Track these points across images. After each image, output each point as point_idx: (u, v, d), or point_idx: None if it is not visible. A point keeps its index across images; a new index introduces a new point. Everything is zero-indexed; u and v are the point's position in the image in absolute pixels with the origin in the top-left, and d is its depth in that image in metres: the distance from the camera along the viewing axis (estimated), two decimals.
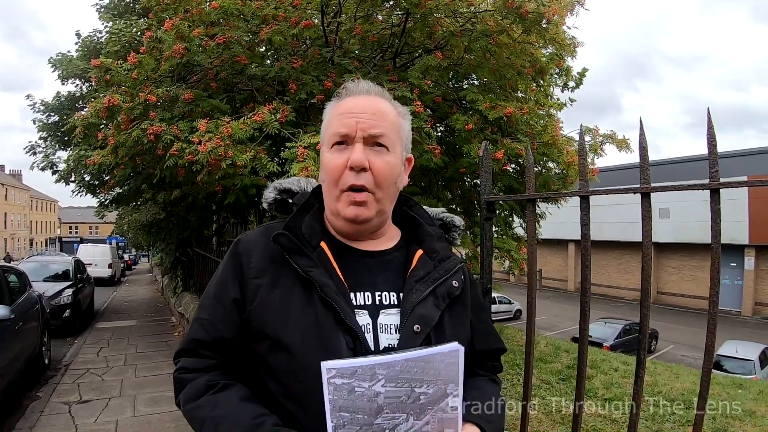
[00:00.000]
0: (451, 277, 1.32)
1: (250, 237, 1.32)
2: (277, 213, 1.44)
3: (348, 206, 1.23)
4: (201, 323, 1.27)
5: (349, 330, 1.16)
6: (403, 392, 1.01)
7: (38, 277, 11.44)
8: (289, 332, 1.16)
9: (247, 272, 1.24)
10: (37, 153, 14.08)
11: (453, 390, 1.08)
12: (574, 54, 8.19)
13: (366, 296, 1.24)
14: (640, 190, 1.95)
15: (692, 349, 18.96)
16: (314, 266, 1.20)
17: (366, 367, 0.99)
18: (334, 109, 1.32)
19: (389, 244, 1.37)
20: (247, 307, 1.22)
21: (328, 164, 1.26)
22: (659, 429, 5.03)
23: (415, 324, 1.20)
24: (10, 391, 6.10)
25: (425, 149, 6.60)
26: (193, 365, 1.26)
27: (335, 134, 1.25)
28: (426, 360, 1.03)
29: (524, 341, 6.89)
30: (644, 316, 1.94)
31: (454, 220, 1.54)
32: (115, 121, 6.92)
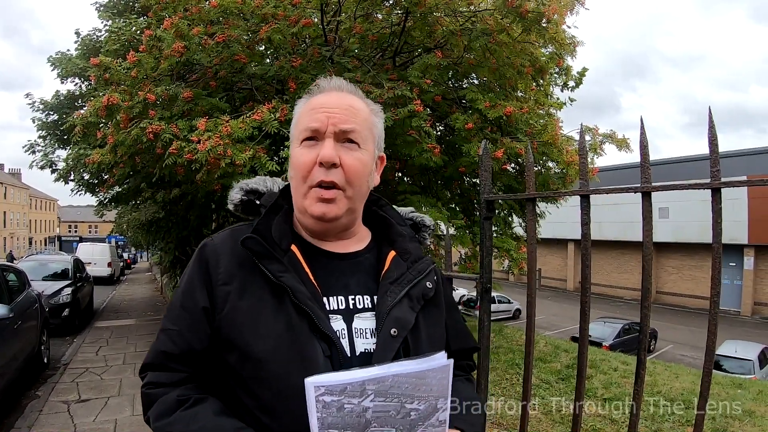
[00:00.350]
0: (425, 279, 1.28)
1: (217, 241, 1.25)
2: (243, 215, 1.36)
3: (315, 203, 1.18)
4: (168, 334, 1.19)
5: (325, 337, 1.12)
6: (392, 407, 0.98)
7: (37, 276, 11.37)
8: (261, 341, 1.10)
9: (215, 278, 1.18)
10: (36, 152, 14.07)
11: (443, 404, 1.06)
12: (574, 53, 8.19)
13: (339, 300, 1.20)
14: (640, 189, 1.95)
15: (691, 348, 18.96)
16: (285, 271, 1.15)
17: (356, 384, 0.95)
18: (305, 105, 1.27)
19: (360, 245, 1.32)
20: (217, 316, 1.16)
21: (296, 160, 1.21)
22: (659, 429, 5.03)
23: (391, 328, 1.17)
24: (9, 390, 6.08)
25: (425, 148, 6.60)
26: (162, 379, 1.18)
27: (305, 129, 1.21)
28: (418, 376, 1.00)
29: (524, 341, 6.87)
30: (645, 316, 1.94)
31: (424, 219, 1.50)
32: (115, 119, 6.92)
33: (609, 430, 4.86)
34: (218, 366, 1.17)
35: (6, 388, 5.90)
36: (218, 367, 1.17)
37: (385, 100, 6.41)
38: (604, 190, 2.06)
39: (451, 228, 7.40)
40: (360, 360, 1.14)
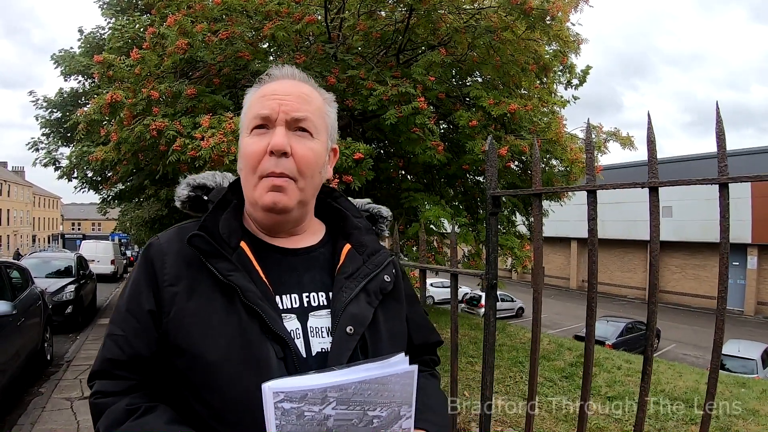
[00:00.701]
0: (382, 272, 1.23)
1: (162, 240, 1.18)
2: (191, 212, 1.28)
3: (266, 193, 1.11)
4: (114, 340, 1.12)
5: (278, 338, 1.06)
6: (354, 415, 0.94)
7: (40, 273, 11.40)
8: (211, 345, 1.04)
9: (161, 280, 1.11)
10: (39, 149, 14.11)
11: (406, 412, 1.02)
12: (578, 51, 8.18)
13: (293, 298, 1.15)
14: (648, 184, 1.93)
15: (694, 348, 18.92)
16: (234, 269, 1.08)
17: (317, 391, 0.90)
18: (255, 93, 1.21)
19: (313, 239, 1.26)
20: (164, 319, 1.09)
21: (245, 149, 1.15)
22: (662, 427, 5.01)
23: (347, 325, 1.12)
24: (11, 387, 6.08)
25: (428, 146, 6.60)
26: (110, 388, 1.11)
27: (255, 117, 1.15)
28: (381, 382, 0.96)
29: (527, 339, 6.84)
30: (652, 312, 1.93)
31: (381, 210, 1.44)
32: (118, 117, 6.92)
33: (612, 428, 4.84)
34: (168, 372, 1.10)
35: (9, 385, 5.90)
36: (168, 373, 1.10)
37: (390, 97, 6.41)
38: (611, 186, 2.04)
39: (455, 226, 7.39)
40: (316, 360, 1.09)
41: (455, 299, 2.45)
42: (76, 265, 13.13)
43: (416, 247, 8.08)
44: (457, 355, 2.39)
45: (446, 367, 6.36)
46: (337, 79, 6.90)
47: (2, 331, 5.75)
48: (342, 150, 5.92)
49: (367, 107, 6.76)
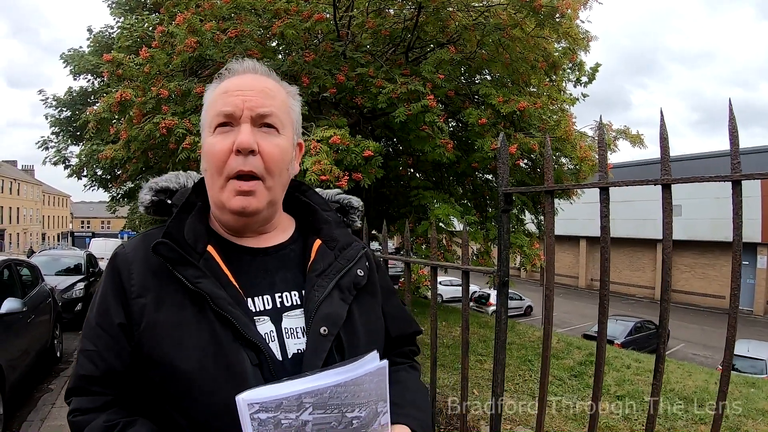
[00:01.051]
0: (355, 266, 1.20)
1: (128, 249, 1.13)
2: (156, 216, 1.23)
3: (234, 196, 1.07)
4: (87, 355, 1.08)
5: (251, 344, 1.03)
6: (333, 418, 0.93)
7: (50, 271, 11.42)
8: (184, 355, 1.01)
9: (129, 291, 1.07)
10: (49, 148, 14.20)
11: (383, 408, 1.01)
12: (588, 48, 8.15)
13: (265, 300, 1.11)
14: (660, 181, 1.92)
15: (703, 348, 18.83)
16: (202, 276, 1.04)
17: (292, 398, 0.89)
18: (216, 89, 1.15)
19: (283, 236, 1.22)
20: (135, 332, 1.05)
21: (210, 149, 1.09)
22: (672, 427, 5.00)
23: (321, 326, 1.08)
24: (22, 383, 6.10)
25: (438, 143, 6.59)
26: (86, 404, 1.08)
27: (218, 114, 1.09)
28: (356, 383, 0.95)
29: (536, 337, 6.82)
30: (664, 310, 1.91)
31: (351, 201, 1.39)
32: (128, 115, 6.96)
33: (622, 427, 4.83)
34: (144, 385, 1.06)
35: (19, 382, 5.93)
36: (145, 386, 1.06)
37: (399, 95, 6.41)
38: (624, 183, 2.03)
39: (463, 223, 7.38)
40: (293, 362, 1.07)
41: (467, 297, 2.43)
42: (85, 262, 13.18)
43: (425, 245, 8.08)
44: (467, 353, 2.37)
45: (456, 365, 6.34)
46: (347, 77, 6.90)
47: (13, 328, 5.77)
48: (352, 148, 5.92)
49: (376, 105, 6.75)
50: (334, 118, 6.74)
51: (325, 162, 5.33)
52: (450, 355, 6.67)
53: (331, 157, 5.59)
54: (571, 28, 7.42)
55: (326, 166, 5.31)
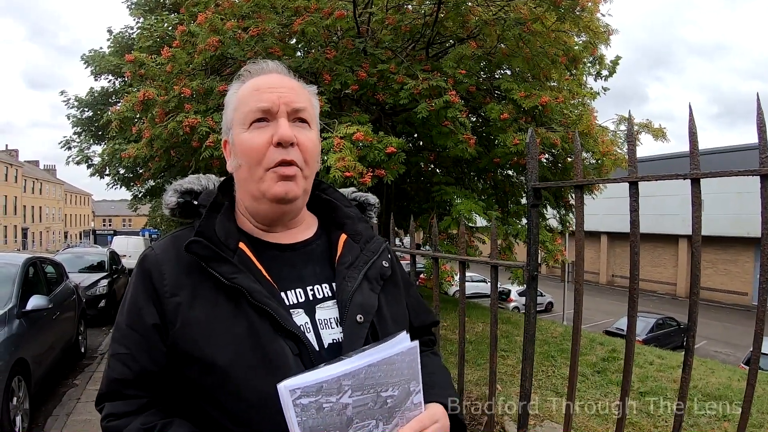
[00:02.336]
0: (380, 258, 1.24)
1: (158, 250, 1.15)
2: (180, 219, 1.24)
3: (276, 183, 1.11)
4: (120, 359, 1.09)
5: (291, 335, 1.05)
6: (369, 398, 0.96)
7: (74, 268, 11.58)
8: (222, 350, 1.02)
9: (161, 291, 1.08)
10: (72, 147, 14.42)
11: (415, 387, 1.04)
12: (608, 42, 8.07)
13: (297, 293, 1.14)
14: (690, 175, 1.92)
15: (725, 345, 18.61)
16: (238, 272, 1.06)
17: (332, 381, 0.91)
18: (243, 89, 1.19)
19: (308, 233, 1.25)
20: (170, 331, 1.06)
21: (248, 143, 1.12)
22: (695, 423, 4.95)
23: (356, 314, 1.12)
24: (47, 378, 6.19)
25: (460, 139, 6.57)
26: (121, 409, 1.08)
27: (255, 110, 1.12)
28: (388, 363, 0.98)
29: (558, 333, 6.78)
30: (693, 303, 1.91)
31: (368, 198, 1.43)
32: (150, 114, 7.04)
33: (645, 423, 4.78)
34: (179, 383, 1.08)
35: (45, 377, 6.02)
36: (180, 385, 1.08)
37: (421, 90, 6.41)
38: (654, 177, 2.03)
39: (485, 219, 7.37)
40: (329, 352, 1.09)
41: (495, 291, 2.44)
42: (108, 260, 13.36)
43: (447, 240, 8.08)
44: (496, 347, 2.38)
45: (478, 360, 6.34)
46: (368, 74, 6.91)
47: (38, 324, 5.86)
48: (375, 144, 5.93)
49: (398, 101, 6.75)
50: (356, 114, 6.74)
51: (349, 159, 5.35)
52: (473, 351, 6.64)
53: (354, 153, 5.61)
54: (592, 22, 7.37)
55: (350, 162, 5.33)
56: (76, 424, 5.41)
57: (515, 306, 21.62)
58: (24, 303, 5.62)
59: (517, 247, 8.72)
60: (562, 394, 5.47)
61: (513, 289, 21.77)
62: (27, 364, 5.23)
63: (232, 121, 1.18)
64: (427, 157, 8.96)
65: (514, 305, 21.78)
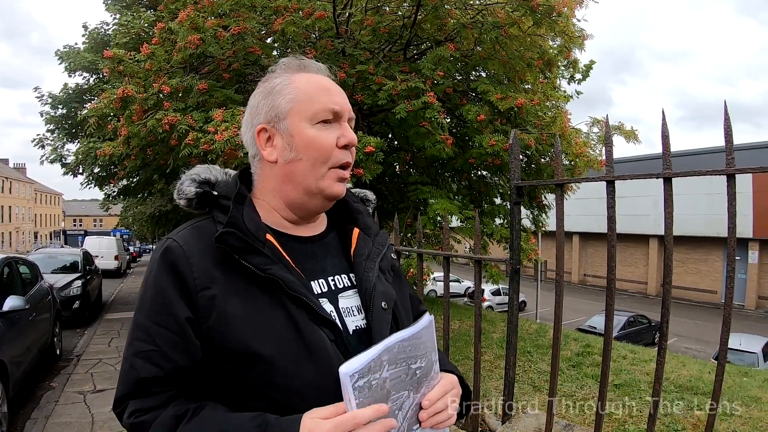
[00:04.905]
0: (388, 251, 1.30)
1: (181, 242, 1.10)
2: (196, 209, 1.20)
3: (335, 182, 1.16)
4: (146, 357, 1.05)
5: (326, 322, 1.08)
6: (402, 371, 1.02)
7: (47, 269, 11.28)
8: (263, 342, 1.02)
9: (192, 284, 1.04)
10: (45, 146, 14.14)
11: (435, 356, 1.13)
12: (583, 46, 8.24)
13: (321, 284, 1.17)
14: (662, 174, 2.03)
15: (696, 341, 19.00)
16: (271, 263, 1.06)
17: (376, 359, 0.96)
18: (304, 83, 1.18)
19: (321, 227, 1.28)
20: (204, 325, 1.03)
21: (317, 141, 1.14)
22: (668, 413, 5.10)
23: (381, 301, 1.18)
24: (25, 381, 6.12)
25: (438, 139, 6.65)
26: (149, 404, 1.05)
27: (326, 110, 1.15)
28: (416, 337, 1.06)
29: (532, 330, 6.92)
30: (666, 291, 2.01)
31: (366, 194, 1.48)
32: (128, 111, 6.97)
33: (620, 413, 4.92)
34: (214, 378, 1.06)
35: (22, 379, 5.94)
36: (213, 379, 1.06)
37: (399, 91, 6.48)
38: (630, 176, 2.13)
39: (460, 218, 7.46)
40: (355, 338, 1.13)
41: (479, 284, 2.52)
42: (82, 260, 13.14)
43: (423, 239, 8.13)
44: (480, 339, 2.46)
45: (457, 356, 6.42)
46: (347, 74, 6.97)
47: (16, 325, 5.78)
48: None
49: (376, 102, 6.82)
50: None
51: None
52: (451, 347, 6.74)
53: None
54: (567, 27, 7.51)
55: None
56: (55, 427, 5.34)
57: (489, 305, 21.80)
58: (0, 304, 5.54)
59: (492, 246, 8.85)
60: (539, 387, 5.60)
61: (487, 289, 21.94)
62: (5, 365, 5.17)
63: (288, 111, 1.17)
64: (403, 158, 9.04)
65: (488, 304, 21.96)
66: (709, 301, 27.88)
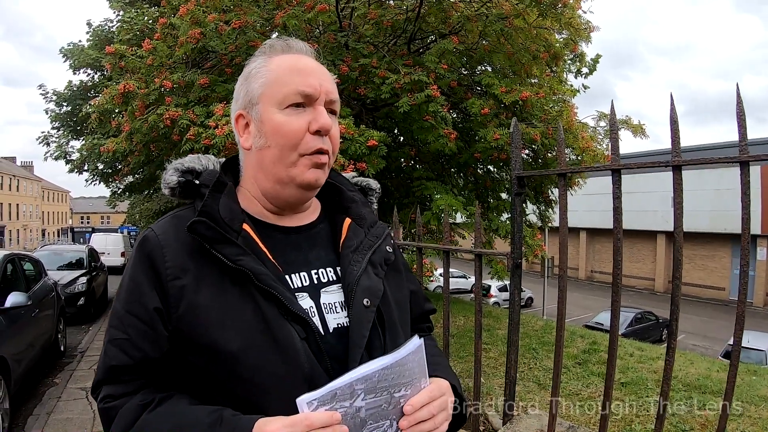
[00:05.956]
0: (383, 243, 1.22)
1: (158, 231, 1.09)
2: (180, 199, 1.18)
3: (309, 170, 1.09)
4: (118, 345, 1.04)
5: (298, 318, 1.02)
6: (383, 400, 0.96)
7: (52, 266, 11.38)
8: (228, 336, 0.99)
9: (163, 274, 1.03)
10: (50, 143, 14.20)
11: (425, 383, 1.04)
12: (589, 39, 8.15)
13: (302, 277, 1.12)
14: (671, 163, 1.97)
15: (703, 338, 18.88)
16: (243, 254, 1.03)
17: (345, 387, 0.91)
18: (277, 65, 1.12)
19: (312, 216, 1.23)
20: (173, 315, 1.02)
21: (286, 127, 1.07)
22: (675, 412, 5.03)
23: (363, 298, 1.10)
24: (27, 377, 6.10)
25: (441, 134, 6.59)
26: (120, 391, 1.04)
27: (296, 93, 1.08)
28: (400, 364, 0.97)
29: (539, 327, 6.85)
30: (676, 286, 1.95)
31: (369, 183, 1.41)
32: (130, 107, 6.95)
33: (627, 413, 4.86)
34: (182, 369, 1.05)
35: (24, 375, 5.93)
36: (182, 371, 1.05)
37: (402, 85, 6.43)
38: (636, 165, 2.06)
39: (464, 214, 7.41)
40: (335, 336, 1.08)
41: (479, 279, 2.45)
42: (87, 257, 13.16)
43: (427, 235, 8.09)
44: (480, 335, 2.39)
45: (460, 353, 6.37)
46: (350, 68, 6.92)
47: (18, 322, 5.77)
48: (356, 137, 5.95)
49: (379, 95, 6.77)
50: None
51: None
52: (455, 344, 6.70)
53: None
54: (573, 19, 7.43)
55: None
56: (57, 423, 5.34)
57: (495, 301, 21.74)
58: (2, 300, 5.51)
59: (497, 242, 8.79)
60: (544, 385, 5.53)
61: (493, 285, 21.86)
62: (6, 362, 5.14)
63: (260, 96, 1.12)
64: (408, 153, 8.98)
65: (494, 300, 21.90)
66: (717, 297, 27.69)
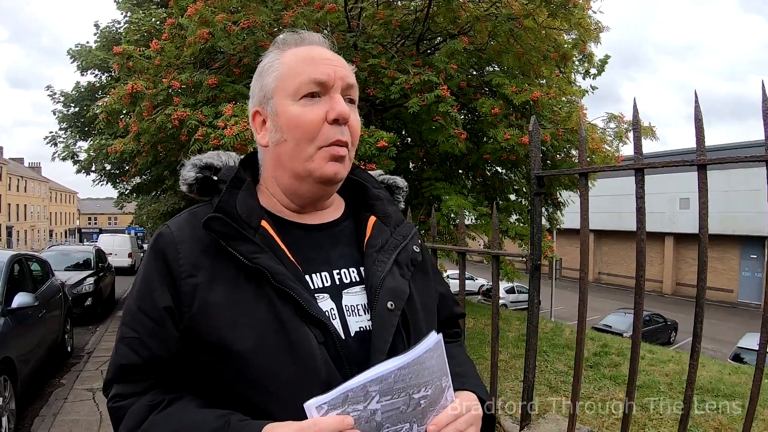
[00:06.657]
0: (410, 243, 1.16)
1: (173, 228, 1.06)
2: (198, 196, 1.15)
3: (327, 163, 1.04)
4: (128, 343, 1.02)
5: (316, 321, 0.98)
6: (401, 402, 0.91)
7: (60, 266, 11.42)
8: (243, 336, 0.96)
9: (177, 272, 1.00)
10: (57, 143, 14.25)
11: (446, 382, 0.99)
12: (598, 39, 8.09)
13: (323, 277, 1.07)
14: (697, 162, 1.92)
15: (711, 341, 18.71)
16: (260, 251, 0.99)
17: (357, 389, 0.86)
18: (289, 57, 1.08)
19: (335, 214, 1.18)
20: (185, 314, 0.99)
21: (301, 118, 1.03)
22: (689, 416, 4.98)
23: (387, 300, 1.04)
24: (34, 377, 6.11)
25: (451, 134, 6.55)
26: (129, 390, 1.03)
27: (309, 82, 1.04)
28: (418, 362, 0.92)
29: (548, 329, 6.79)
30: (701, 288, 1.91)
31: (396, 181, 1.35)
32: (138, 107, 6.95)
33: (639, 416, 4.80)
34: (193, 370, 1.02)
35: (31, 376, 5.92)
36: (193, 371, 1.02)
37: (412, 85, 6.40)
38: (660, 164, 2.01)
39: (474, 215, 7.36)
40: (357, 340, 1.02)
41: (497, 282, 2.41)
42: (95, 257, 13.20)
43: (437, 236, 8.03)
44: (497, 338, 2.35)
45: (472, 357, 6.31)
46: (358, 68, 6.89)
47: (25, 322, 5.77)
48: (365, 138, 5.92)
49: (389, 96, 6.74)
50: None
51: None
52: (466, 346, 6.68)
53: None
54: (583, 19, 7.37)
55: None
56: (64, 424, 5.31)
57: (503, 303, 21.71)
58: (9, 301, 5.52)
59: (507, 243, 8.73)
60: (556, 389, 5.48)
61: (501, 286, 21.82)
62: (13, 363, 5.13)
63: (273, 90, 1.08)
64: (417, 154, 8.95)
65: (502, 302, 21.86)
66: (725, 300, 27.54)
